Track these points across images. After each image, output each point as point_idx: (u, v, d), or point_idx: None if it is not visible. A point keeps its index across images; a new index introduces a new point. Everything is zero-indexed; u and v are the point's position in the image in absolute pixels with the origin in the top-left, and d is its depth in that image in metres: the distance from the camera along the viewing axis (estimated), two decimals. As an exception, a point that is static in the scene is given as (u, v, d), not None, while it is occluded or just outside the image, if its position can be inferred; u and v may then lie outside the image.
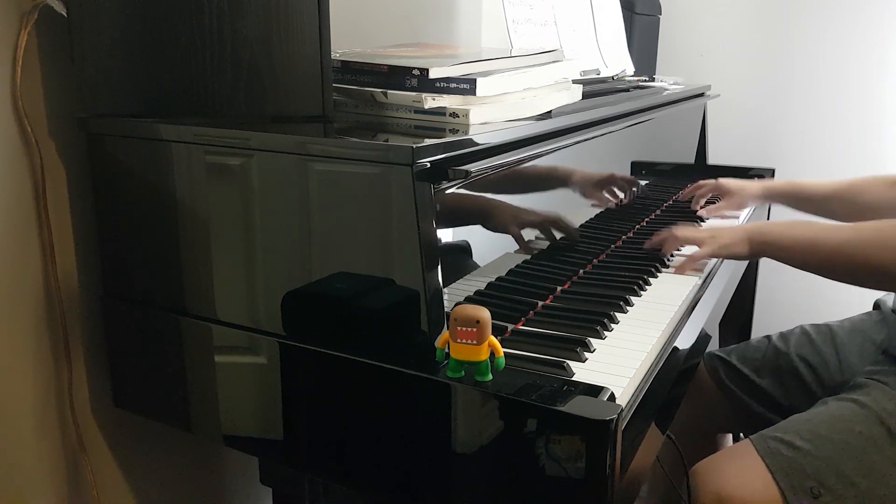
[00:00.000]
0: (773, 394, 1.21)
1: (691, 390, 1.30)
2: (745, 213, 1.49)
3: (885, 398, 0.97)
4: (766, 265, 1.88)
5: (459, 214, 0.81)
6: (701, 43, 2.28)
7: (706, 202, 1.49)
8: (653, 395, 0.77)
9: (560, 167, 1.05)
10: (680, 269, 1.10)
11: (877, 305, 1.28)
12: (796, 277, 2.29)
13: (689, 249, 1.15)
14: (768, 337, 1.28)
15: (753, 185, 1.46)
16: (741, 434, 1.34)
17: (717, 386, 1.27)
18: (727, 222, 1.41)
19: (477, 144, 0.78)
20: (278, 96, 0.84)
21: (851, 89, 2.15)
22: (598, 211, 1.20)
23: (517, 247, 0.94)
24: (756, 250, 1.08)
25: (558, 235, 1.05)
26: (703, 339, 1.00)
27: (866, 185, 1.33)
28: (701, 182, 1.51)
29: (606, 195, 1.23)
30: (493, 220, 0.89)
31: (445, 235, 0.76)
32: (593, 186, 1.19)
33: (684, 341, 0.92)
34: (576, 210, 1.13)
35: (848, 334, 1.21)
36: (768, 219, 1.71)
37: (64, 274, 0.90)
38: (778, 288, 2.16)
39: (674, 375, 0.84)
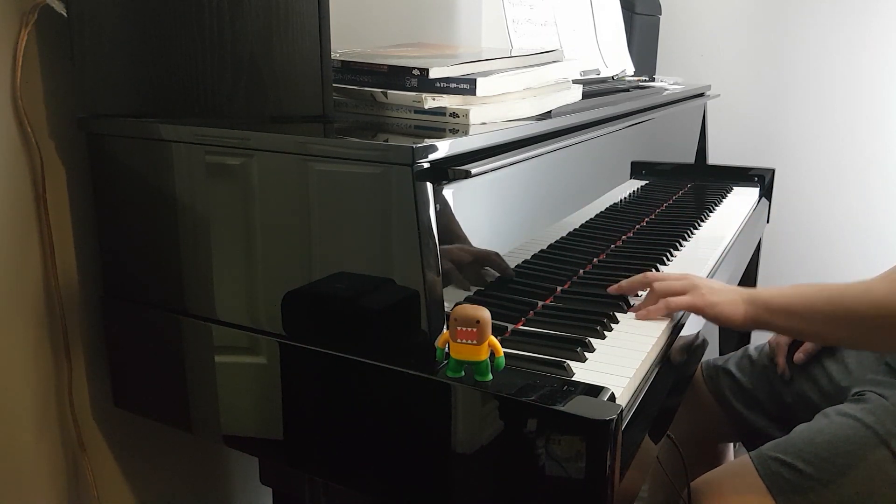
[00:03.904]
0: (770, 404, 1.21)
1: (690, 401, 1.29)
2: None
3: (889, 419, 0.96)
4: (766, 265, 1.88)
5: (459, 214, 0.81)
6: (701, 43, 2.28)
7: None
8: (653, 396, 0.77)
9: (557, 169, 1.05)
10: (645, 315, 0.92)
11: None
12: (795, 277, 2.29)
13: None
14: (765, 343, 1.28)
15: None
16: (742, 444, 1.32)
17: (715, 398, 1.26)
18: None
19: (477, 144, 0.78)
20: (278, 96, 0.84)
21: (852, 88, 2.16)
22: (598, 211, 1.20)
23: (517, 246, 0.94)
24: (755, 318, 0.91)
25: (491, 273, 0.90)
26: (704, 339, 1.00)
27: None
28: None
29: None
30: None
31: (445, 236, 0.76)
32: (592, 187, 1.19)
33: (684, 341, 0.92)
34: (576, 210, 1.13)
35: None
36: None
37: (64, 274, 0.90)
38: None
39: (674, 375, 0.84)
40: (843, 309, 0.87)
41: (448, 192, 0.75)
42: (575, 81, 1.07)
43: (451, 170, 0.72)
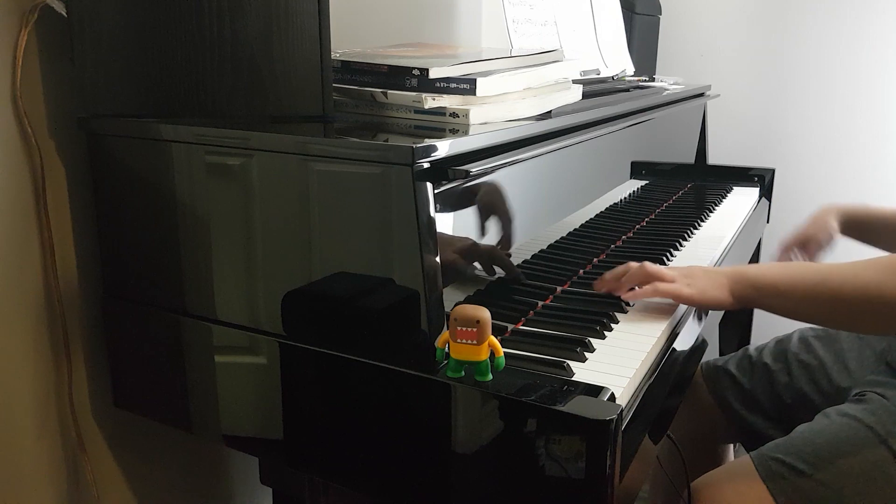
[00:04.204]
0: (770, 404, 1.21)
1: (689, 402, 1.29)
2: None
3: (889, 420, 0.96)
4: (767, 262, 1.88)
5: (459, 214, 0.81)
6: (701, 43, 2.28)
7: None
8: (653, 395, 0.77)
9: (557, 169, 1.05)
10: (633, 296, 0.93)
11: None
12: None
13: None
14: (765, 344, 1.28)
15: (831, 214, 1.26)
16: (742, 445, 1.32)
17: (714, 399, 1.26)
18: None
19: (477, 144, 0.78)
20: (278, 96, 0.84)
21: (852, 88, 2.16)
22: (598, 211, 1.20)
23: (517, 246, 0.94)
24: (742, 297, 0.91)
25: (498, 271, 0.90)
26: (704, 339, 1.00)
27: None
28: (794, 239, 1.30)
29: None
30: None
31: (445, 235, 0.76)
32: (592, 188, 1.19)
33: (684, 341, 0.92)
34: (576, 210, 1.13)
35: (847, 340, 1.20)
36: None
37: (64, 274, 0.90)
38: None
39: (674, 375, 0.84)
40: (829, 291, 0.88)
41: (448, 192, 0.75)
42: (575, 81, 1.07)
43: (451, 170, 0.72)
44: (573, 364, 0.76)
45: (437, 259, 0.71)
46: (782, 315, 0.91)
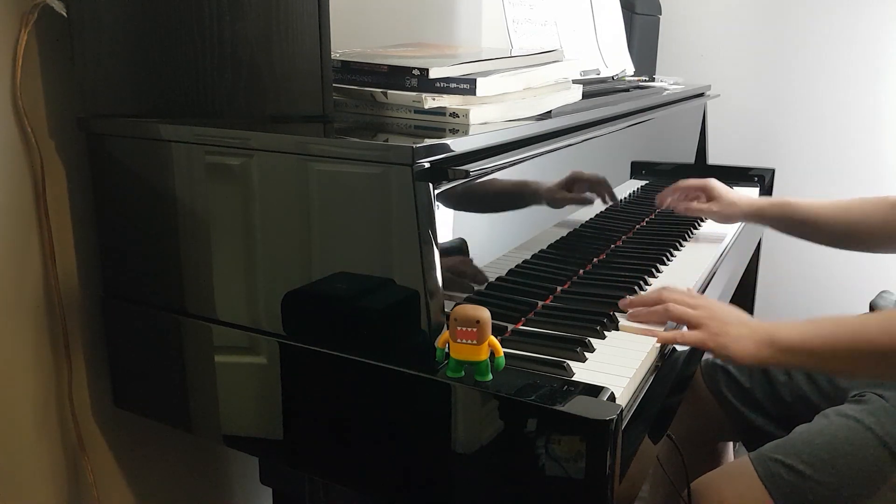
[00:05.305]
0: (770, 403, 1.21)
1: (689, 400, 1.29)
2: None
3: (888, 420, 0.96)
4: (767, 263, 1.88)
5: (459, 214, 0.81)
6: (701, 43, 2.29)
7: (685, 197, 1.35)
8: (653, 395, 0.77)
9: (557, 169, 1.05)
10: (656, 338, 0.87)
11: (872, 308, 1.26)
12: (795, 277, 2.29)
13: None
14: None
15: (742, 201, 1.32)
16: (742, 444, 1.32)
17: (714, 396, 1.26)
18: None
19: (477, 144, 0.78)
20: (278, 96, 0.84)
21: (851, 89, 2.16)
22: (598, 211, 1.20)
23: (517, 246, 0.94)
24: (768, 359, 0.87)
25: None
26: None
27: (866, 207, 1.19)
28: (684, 182, 1.35)
29: (601, 198, 1.23)
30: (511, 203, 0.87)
31: (445, 235, 0.76)
32: (590, 189, 1.19)
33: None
34: (576, 210, 1.12)
35: None
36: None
37: (64, 274, 0.90)
38: (777, 288, 2.16)
39: (674, 375, 0.84)
40: (867, 346, 0.85)
41: (448, 192, 0.75)
42: (575, 81, 1.07)
43: (450, 170, 0.72)
44: (573, 364, 0.76)
45: (437, 259, 0.71)
46: (812, 371, 0.88)
